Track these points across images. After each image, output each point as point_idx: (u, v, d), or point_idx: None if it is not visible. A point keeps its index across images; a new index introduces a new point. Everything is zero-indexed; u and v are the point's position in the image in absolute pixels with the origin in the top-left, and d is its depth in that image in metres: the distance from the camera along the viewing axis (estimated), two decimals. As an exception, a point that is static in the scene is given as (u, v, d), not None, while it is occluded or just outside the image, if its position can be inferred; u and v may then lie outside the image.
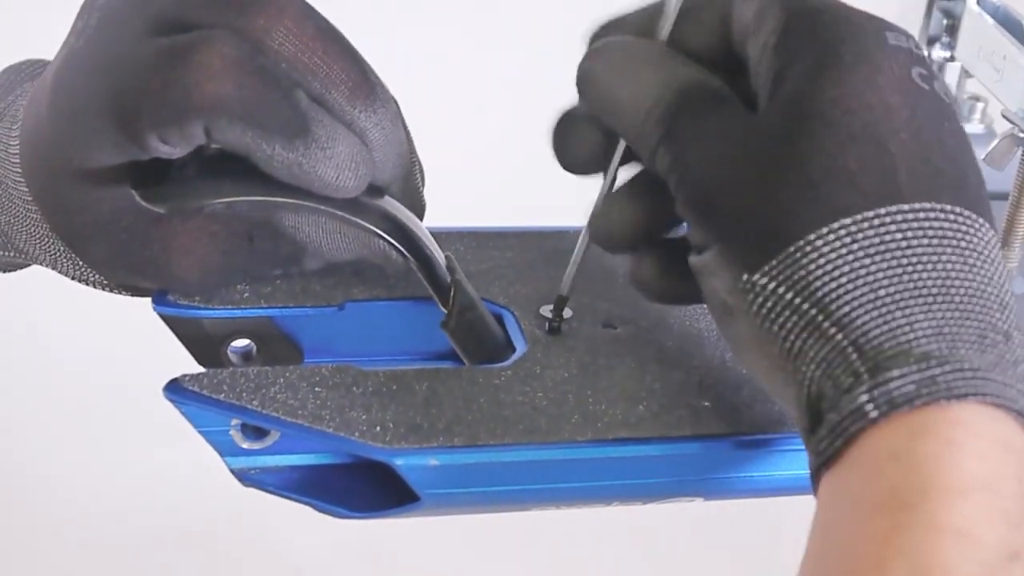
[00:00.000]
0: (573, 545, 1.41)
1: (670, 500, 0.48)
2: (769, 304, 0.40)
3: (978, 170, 0.42)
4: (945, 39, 0.59)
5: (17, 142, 0.48)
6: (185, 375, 0.46)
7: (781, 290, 0.40)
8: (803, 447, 0.46)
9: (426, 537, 1.26)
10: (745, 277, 0.41)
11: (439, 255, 0.50)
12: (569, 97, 0.48)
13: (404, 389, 0.46)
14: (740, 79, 0.44)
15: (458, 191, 1.08)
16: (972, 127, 0.62)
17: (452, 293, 0.49)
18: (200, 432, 0.46)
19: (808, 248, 0.40)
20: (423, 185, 0.51)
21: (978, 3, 0.56)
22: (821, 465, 0.38)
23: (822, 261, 0.39)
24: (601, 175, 0.48)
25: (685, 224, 0.44)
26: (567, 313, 0.51)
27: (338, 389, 0.46)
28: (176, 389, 0.45)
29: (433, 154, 0.50)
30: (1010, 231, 0.55)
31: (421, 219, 0.50)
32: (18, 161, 0.48)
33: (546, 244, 0.57)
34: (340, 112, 0.45)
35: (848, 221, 0.39)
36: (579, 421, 0.46)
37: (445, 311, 0.49)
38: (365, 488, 0.46)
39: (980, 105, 0.62)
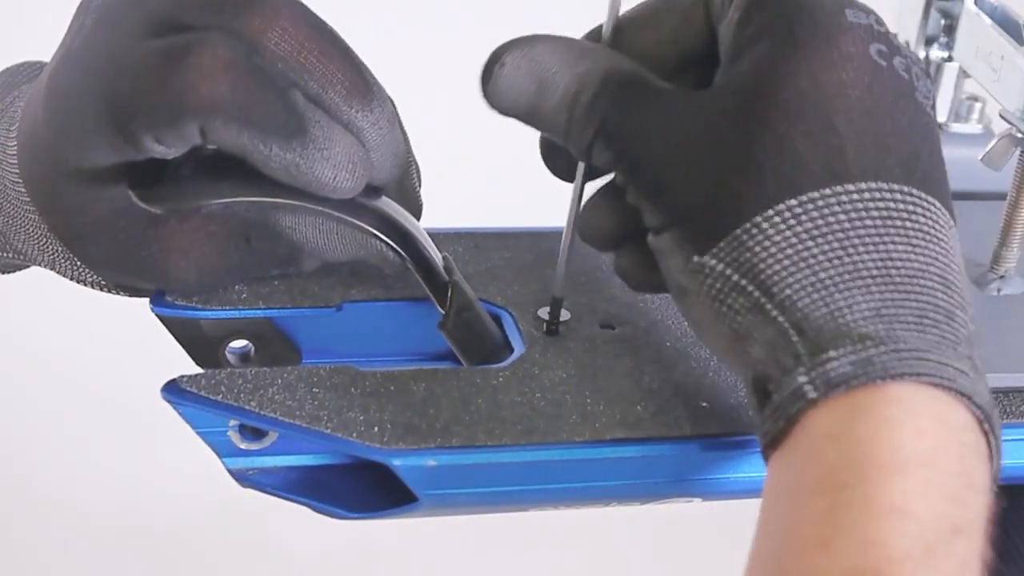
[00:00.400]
0: (572, 545, 1.41)
1: (668, 500, 0.48)
2: (718, 285, 0.41)
3: (935, 149, 0.42)
4: (943, 39, 0.59)
5: (14, 143, 0.48)
6: (183, 376, 0.46)
7: (728, 271, 0.40)
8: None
9: (425, 538, 1.26)
10: (696, 259, 0.41)
11: (436, 256, 0.49)
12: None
13: (402, 390, 0.46)
14: (692, 74, 0.45)
15: (456, 192, 1.08)
16: (970, 127, 0.62)
17: (449, 294, 0.49)
18: (198, 433, 0.45)
19: (754, 230, 0.40)
20: (420, 185, 0.51)
21: (976, 3, 0.56)
22: (767, 446, 0.39)
23: (767, 243, 0.40)
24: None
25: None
26: (564, 315, 0.51)
27: (336, 390, 0.46)
28: (174, 390, 0.45)
29: (431, 155, 0.50)
30: (1008, 231, 0.55)
31: (418, 219, 0.50)
32: (16, 163, 0.48)
33: (544, 244, 0.57)
34: (337, 112, 0.45)
35: (794, 202, 0.40)
36: (577, 421, 0.46)
37: (442, 312, 0.49)
38: (363, 489, 0.46)
39: (978, 105, 0.62)
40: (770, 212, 0.40)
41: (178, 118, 0.43)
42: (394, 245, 0.49)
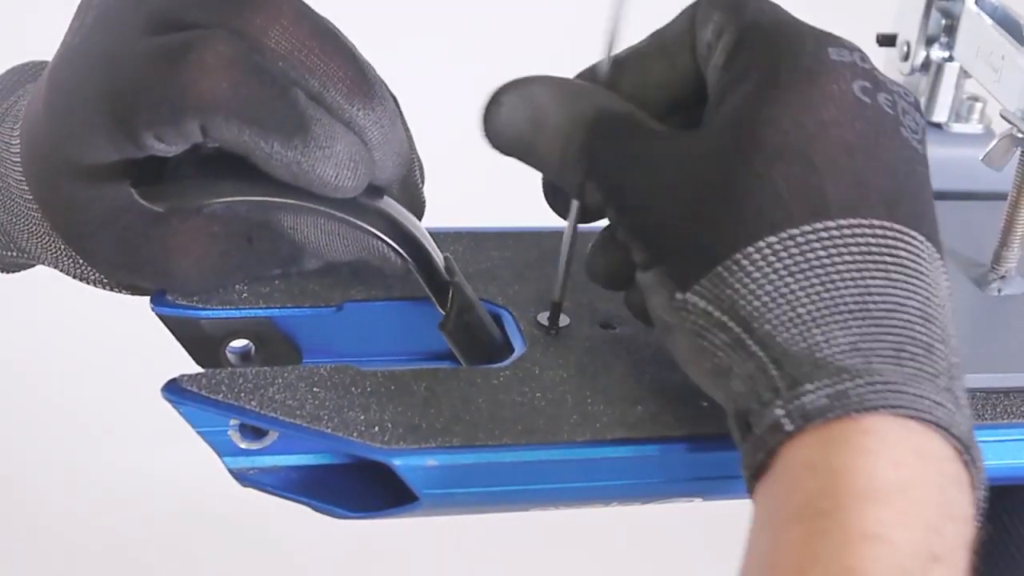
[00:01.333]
0: (572, 545, 1.41)
1: (669, 500, 0.48)
2: (700, 322, 0.41)
3: (921, 183, 0.42)
4: (943, 39, 0.59)
5: (18, 141, 0.48)
6: (183, 375, 0.46)
7: (710, 308, 0.41)
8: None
9: (425, 538, 1.26)
10: (678, 296, 0.42)
11: (438, 256, 0.49)
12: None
13: (402, 389, 0.46)
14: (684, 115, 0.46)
15: (456, 192, 1.08)
16: (970, 127, 0.62)
17: (450, 295, 0.49)
18: (198, 432, 0.45)
19: (734, 267, 0.41)
20: (423, 183, 0.51)
21: (976, 3, 0.56)
22: (750, 478, 0.39)
23: (747, 280, 0.40)
24: None
25: None
26: (563, 321, 0.51)
27: (336, 389, 0.46)
28: (174, 389, 0.45)
29: (432, 154, 0.50)
30: (1009, 231, 0.55)
31: (421, 218, 0.50)
32: (19, 160, 0.48)
33: (544, 244, 0.57)
34: (339, 111, 0.45)
35: (773, 239, 0.40)
36: (577, 421, 0.46)
37: (443, 313, 0.49)
38: (364, 488, 0.46)
39: (979, 105, 0.62)
40: (750, 249, 0.40)
41: (179, 115, 0.43)
42: (395, 246, 0.49)
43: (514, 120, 0.46)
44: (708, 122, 0.43)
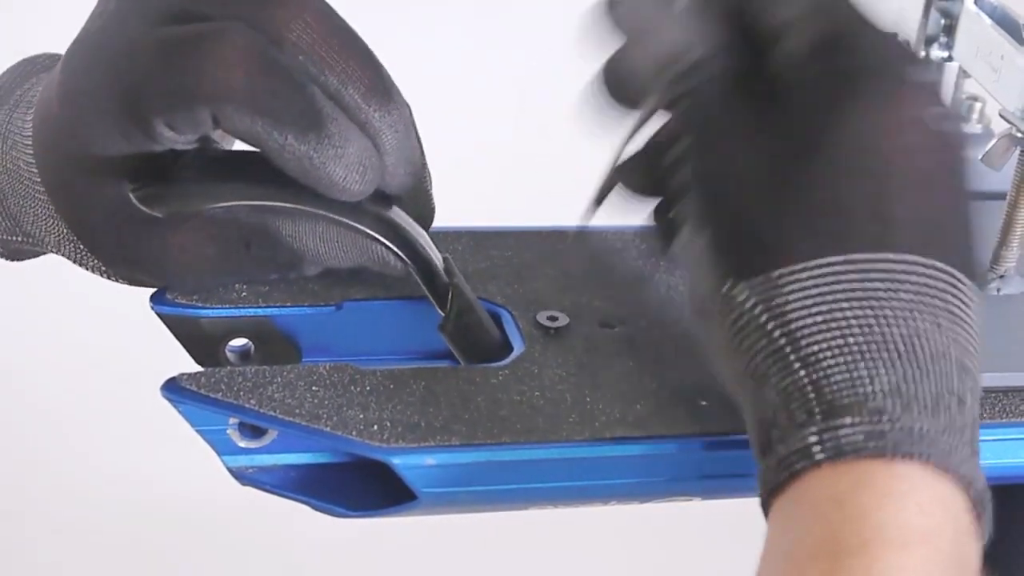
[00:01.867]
0: (572, 545, 1.41)
1: (668, 499, 0.48)
2: (743, 321, 0.41)
3: (971, 223, 0.42)
4: (943, 39, 0.59)
5: (31, 126, 0.48)
6: (183, 374, 0.46)
7: (757, 311, 0.40)
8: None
9: (425, 536, 1.26)
10: (727, 286, 0.41)
11: (437, 258, 0.49)
12: (568, 98, 0.48)
13: (401, 388, 0.46)
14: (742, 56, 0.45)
15: (456, 191, 1.08)
16: (970, 127, 0.62)
17: (450, 296, 0.49)
18: (198, 431, 0.46)
19: (792, 276, 0.40)
20: (431, 189, 0.51)
21: (976, 3, 0.55)
22: (767, 494, 0.39)
23: (802, 294, 0.40)
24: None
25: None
26: (562, 320, 0.51)
27: (336, 388, 0.46)
28: (174, 388, 0.45)
29: (432, 153, 0.50)
30: (1007, 231, 0.55)
31: (428, 227, 0.50)
32: (31, 143, 0.48)
33: (544, 244, 0.57)
34: (355, 111, 0.45)
35: (836, 260, 0.40)
36: (577, 420, 0.46)
37: (443, 314, 0.49)
38: (363, 487, 0.46)
39: (978, 105, 0.62)
40: (811, 264, 0.40)
41: (191, 102, 0.43)
42: (395, 249, 0.48)
43: (633, 16, 0.45)
44: (784, 119, 0.42)
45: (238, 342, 0.51)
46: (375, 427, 0.44)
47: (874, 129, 0.41)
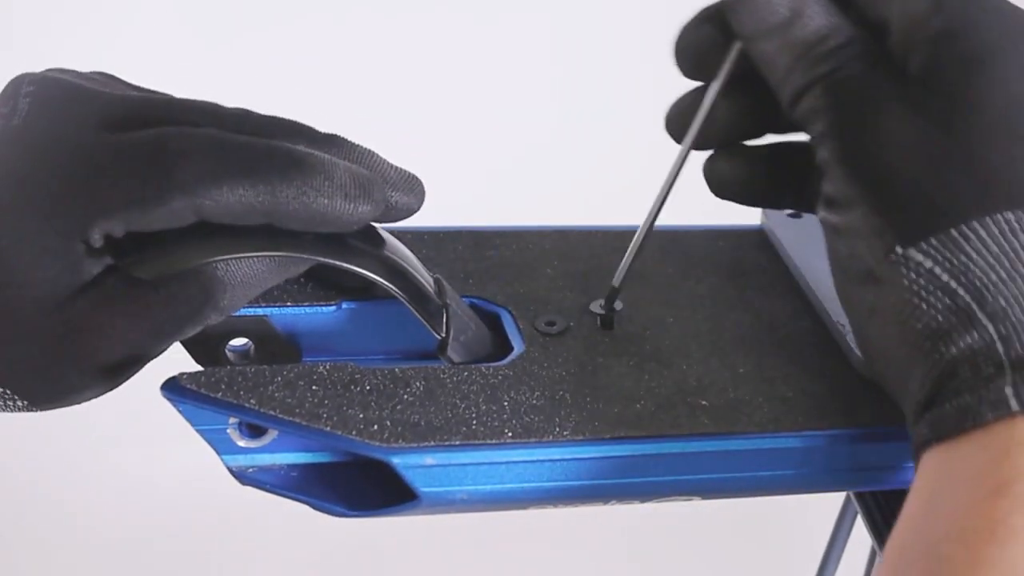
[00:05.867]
0: (571, 544, 1.41)
1: (668, 499, 0.48)
2: (922, 281, 0.41)
3: None
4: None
5: None
6: (183, 373, 0.46)
7: (938, 270, 0.41)
8: (798, 446, 0.46)
9: (425, 536, 1.26)
10: (900, 249, 0.41)
11: (428, 282, 0.49)
12: (568, 99, 0.48)
13: (402, 388, 0.46)
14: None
15: (456, 191, 1.08)
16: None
17: (445, 319, 0.49)
18: (198, 431, 0.46)
19: (971, 233, 0.40)
20: (418, 189, 0.49)
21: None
22: (936, 439, 0.39)
23: (983, 249, 0.40)
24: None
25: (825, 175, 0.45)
26: (560, 325, 0.51)
27: (335, 387, 0.46)
28: (174, 388, 0.45)
29: (432, 154, 0.50)
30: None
31: (423, 198, 0.49)
32: None
33: (544, 243, 0.57)
34: (323, 150, 0.45)
35: (1011, 215, 0.40)
36: (576, 420, 0.46)
37: (439, 337, 0.49)
38: (363, 487, 0.46)
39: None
40: (987, 219, 0.40)
41: (169, 194, 0.42)
42: (386, 283, 0.48)
43: (779, 3, 0.45)
44: (936, 79, 0.42)
45: (238, 341, 0.51)
46: (375, 427, 0.44)
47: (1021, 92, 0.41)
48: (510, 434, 0.45)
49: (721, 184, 0.50)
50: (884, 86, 0.43)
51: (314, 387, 0.46)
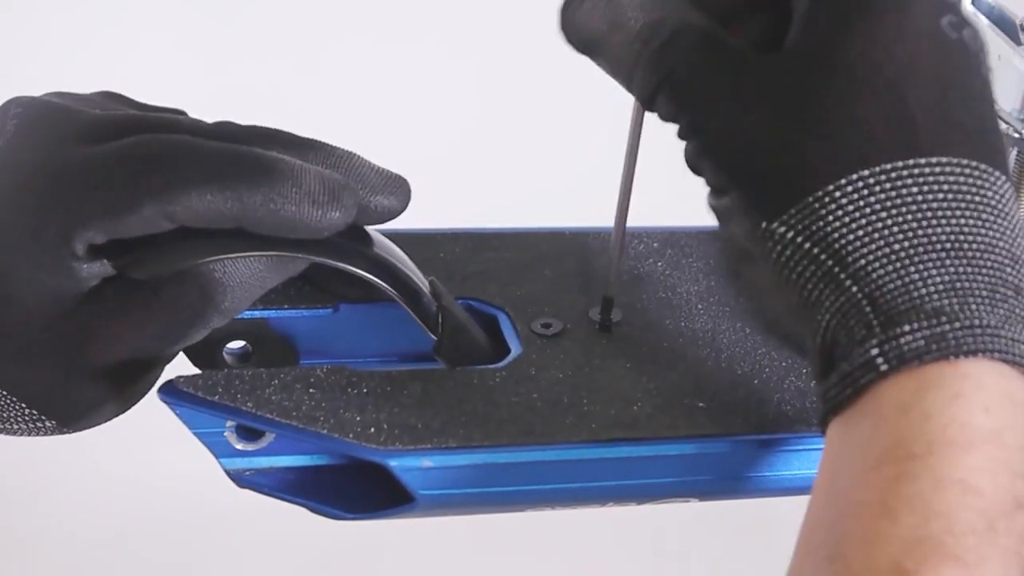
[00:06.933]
0: (569, 546, 1.41)
1: (665, 501, 0.48)
2: (788, 252, 0.41)
3: (996, 121, 0.42)
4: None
5: None
6: (180, 377, 0.46)
7: (799, 239, 0.40)
8: (797, 448, 0.46)
9: (422, 538, 1.26)
10: (764, 225, 0.41)
11: (423, 284, 0.49)
12: (568, 99, 0.48)
13: (399, 390, 0.46)
14: (761, 17, 0.45)
15: (456, 192, 1.08)
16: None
17: (440, 320, 0.49)
18: (195, 434, 0.46)
19: (827, 199, 0.40)
20: (401, 190, 0.49)
21: (973, 3, 0.56)
22: (829, 411, 0.39)
23: (840, 212, 0.40)
24: None
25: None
26: (557, 326, 0.51)
27: (333, 390, 0.46)
28: (171, 391, 0.45)
29: (432, 154, 0.50)
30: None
31: (408, 199, 0.48)
32: None
33: (542, 245, 0.57)
34: (295, 155, 0.44)
35: (866, 173, 0.40)
36: (574, 422, 0.46)
37: (435, 338, 0.49)
38: (360, 489, 0.46)
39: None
40: (843, 182, 0.40)
41: (139, 202, 0.42)
42: (381, 283, 0.48)
43: (593, 17, 0.45)
44: (795, 45, 0.42)
45: (235, 344, 0.51)
46: (372, 429, 0.44)
47: (886, 42, 0.41)
48: (507, 436, 0.45)
49: None
50: (727, 70, 0.43)
51: (311, 390, 0.46)
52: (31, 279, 0.42)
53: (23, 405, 0.44)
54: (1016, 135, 0.52)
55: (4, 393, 0.44)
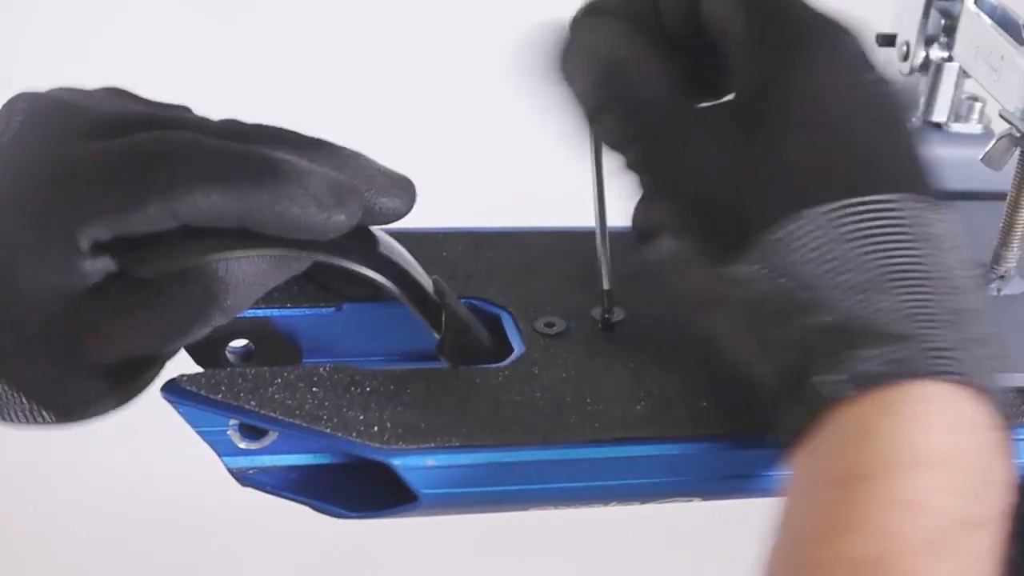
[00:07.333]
0: (572, 545, 1.41)
1: (668, 500, 0.48)
2: (752, 291, 0.42)
3: (926, 159, 0.45)
4: (943, 39, 0.59)
5: None
6: (183, 375, 0.46)
7: (765, 272, 0.41)
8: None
9: (425, 537, 1.26)
10: (727, 268, 0.42)
11: (426, 281, 0.49)
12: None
13: (402, 389, 0.46)
14: (705, 59, 0.46)
15: (456, 192, 1.08)
16: (970, 127, 0.62)
17: (444, 318, 0.49)
18: (198, 432, 0.46)
19: (786, 236, 0.41)
20: (407, 191, 0.49)
21: (976, 3, 0.55)
22: (793, 439, 0.40)
23: (802, 247, 0.41)
24: None
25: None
26: (560, 326, 0.51)
27: (336, 389, 0.46)
28: (174, 389, 0.45)
29: (432, 154, 0.50)
30: (1008, 231, 0.55)
31: (413, 200, 0.49)
32: None
33: (544, 245, 0.57)
34: (301, 156, 0.44)
35: (824, 209, 0.41)
36: (577, 421, 0.46)
37: (438, 336, 0.49)
38: (363, 488, 0.46)
39: (978, 105, 0.62)
40: (801, 219, 0.41)
41: (144, 198, 0.42)
42: (384, 280, 0.47)
43: (561, 53, 0.47)
44: (740, 96, 0.44)
45: (238, 343, 0.51)
46: (375, 428, 0.44)
47: (825, 92, 0.43)
48: (510, 436, 0.45)
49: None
50: (683, 115, 0.44)
51: (314, 388, 0.46)
52: (35, 274, 0.42)
53: (23, 398, 0.44)
54: (1019, 135, 0.51)
55: (4, 386, 0.44)
